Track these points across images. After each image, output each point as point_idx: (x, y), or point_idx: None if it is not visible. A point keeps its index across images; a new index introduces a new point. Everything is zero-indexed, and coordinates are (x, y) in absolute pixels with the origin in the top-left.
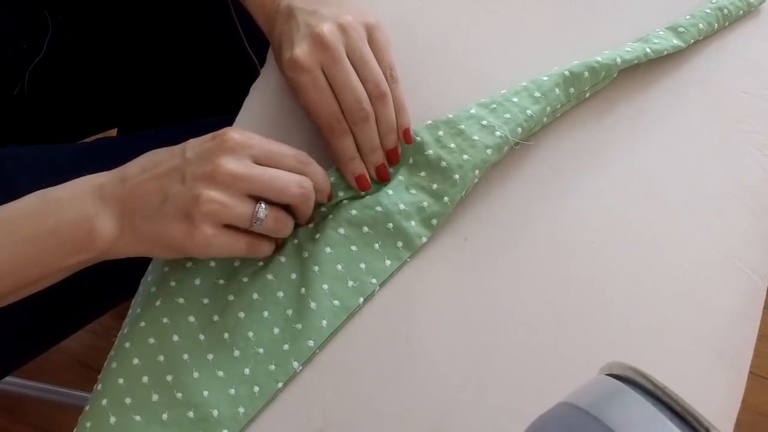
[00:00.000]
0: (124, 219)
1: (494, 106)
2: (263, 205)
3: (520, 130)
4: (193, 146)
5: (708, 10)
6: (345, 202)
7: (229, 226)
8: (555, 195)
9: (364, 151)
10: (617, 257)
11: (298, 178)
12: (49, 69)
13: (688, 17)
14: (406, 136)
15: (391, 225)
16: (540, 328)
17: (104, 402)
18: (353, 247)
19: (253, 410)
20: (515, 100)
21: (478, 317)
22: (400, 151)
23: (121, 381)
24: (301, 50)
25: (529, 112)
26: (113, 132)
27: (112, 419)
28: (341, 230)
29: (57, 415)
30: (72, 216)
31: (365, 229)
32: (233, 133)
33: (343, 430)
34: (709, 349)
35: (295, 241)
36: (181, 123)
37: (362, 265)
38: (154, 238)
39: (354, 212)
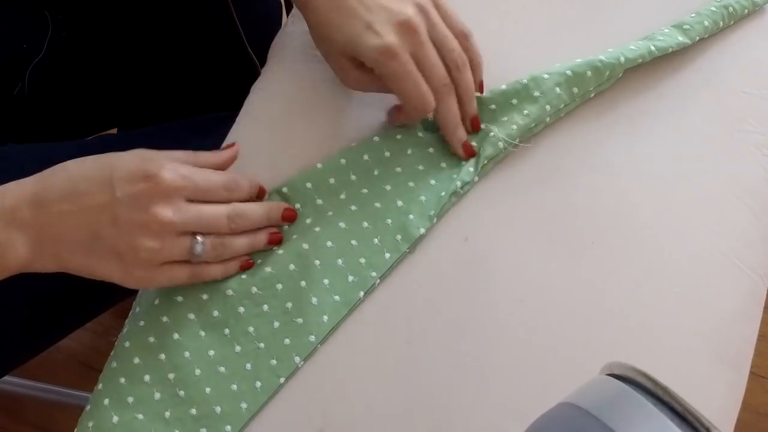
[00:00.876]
0: (42, 247)
1: (493, 106)
2: (199, 239)
3: (515, 127)
4: (123, 185)
5: (713, 8)
6: (343, 196)
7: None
8: (555, 194)
9: (449, 129)
10: (617, 257)
11: (225, 209)
12: (49, 69)
13: (693, 15)
14: (480, 88)
15: (390, 221)
16: (540, 328)
17: (106, 401)
18: (353, 242)
19: (256, 405)
20: (514, 102)
21: (479, 317)
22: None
23: (122, 380)
24: (392, 38)
25: (526, 112)
26: (113, 132)
27: (115, 418)
28: (342, 224)
29: (57, 415)
30: None
31: (365, 224)
32: (165, 175)
33: (343, 430)
34: (709, 349)
35: (294, 236)
36: (179, 119)
37: (362, 260)
38: (84, 270)
39: (354, 207)
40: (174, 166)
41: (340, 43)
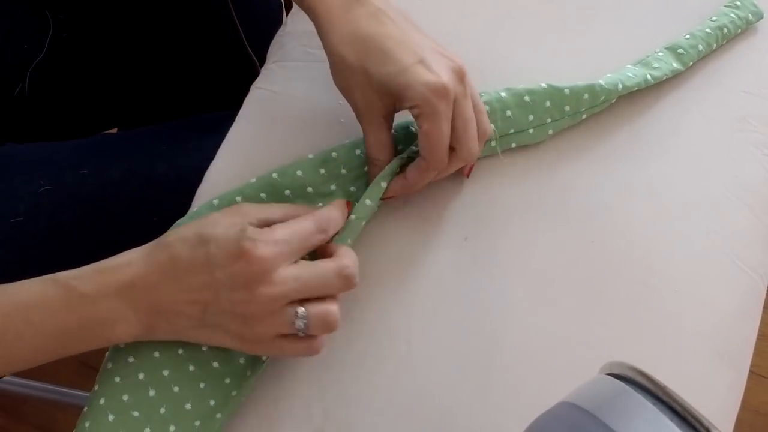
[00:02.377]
0: (157, 323)
1: (480, 95)
2: (300, 313)
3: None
4: (221, 265)
5: (708, 30)
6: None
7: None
8: (555, 194)
9: (439, 173)
10: (617, 257)
11: (334, 267)
12: (50, 69)
13: (687, 37)
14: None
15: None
16: (540, 328)
17: (102, 401)
18: None
19: (245, 393)
20: (503, 94)
21: (478, 317)
22: None
23: (117, 379)
24: (447, 78)
25: (509, 113)
26: (113, 131)
27: (111, 417)
28: None
29: (57, 415)
30: (98, 316)
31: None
32: (262, 252)
33: (343, 430)
34: (709, 348)
35: None
36: (179, 119)
37: None
38: (201, 341)
39: None
40: (268, 236)
41: (380, 73)
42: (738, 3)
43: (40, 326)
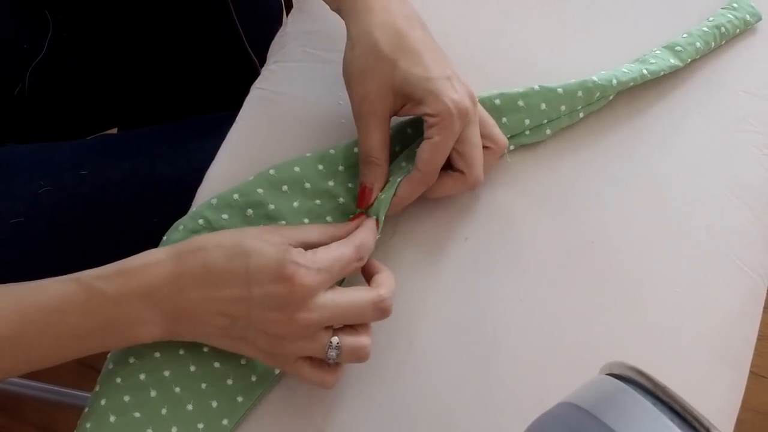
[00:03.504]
0: (179, 325)
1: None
2: (334, 344)
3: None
4: (259, 284)
5: (705, 29)
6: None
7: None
8: (555, 194)
9: (409, 195)
10: (617, 257)
11: (371, 298)
12: (49, 69)
13: (685, 36)
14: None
15: None
16: (540, 328)
17: (103, 402)
18: None
19: (251, 399)
20: (497, 102)
21: (479, 317)
22: None
23: (118, 380)
24: (467, 100)
25: (504, 120)
26: (113, 131)
27: (112, 418)
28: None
29: (57, 415)
30: (121, 317)
31: None
32: (303, 279)
33: (343, 430)
34: (709, 348)
35: None
36: (179, 119)
37: None
38: (222, 348)
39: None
40: (311, 262)
41: (410, 71)
42: (735, 5)
43: (60, 328)
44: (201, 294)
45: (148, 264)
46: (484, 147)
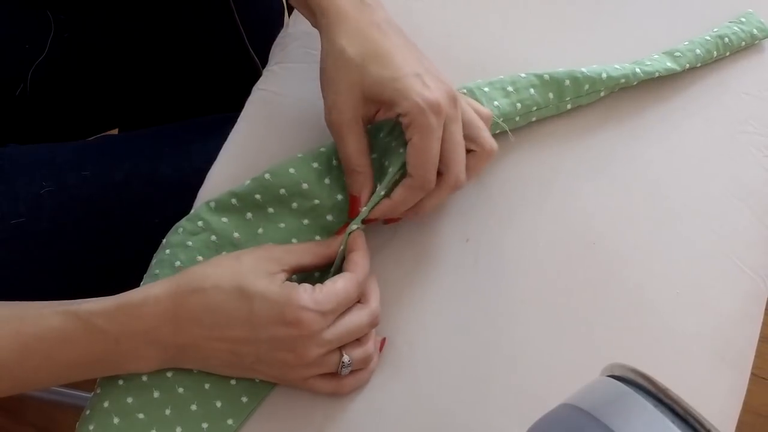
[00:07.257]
0: (184, 361)
1: (464, 91)
2: (346, 360)
3: None
4: (264, 327)
5: (708, 37)
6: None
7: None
8: (556, 195)
9: (425, 198)
10: (618, 258)
11: (367, 314)
12: (51, 69)
13: (686, 43)
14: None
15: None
16: (541, 329)
17: (106, 404)
18: None
19: (256, 399)
20: (486, 89)
21: (479, 318)
22: None
23: (121, 382)
24: (441, 96)
25: (496, 103)
26: (115, 132)
27: (116, 420)
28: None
29: (57, 415)
30: (121, 352)
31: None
32: (306, 320)
33: (343, 430)
34: (710, 350)
35: None
36: (181, 120)
37: None
38: (231, 376)
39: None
40: (315, 304)
41: (379, 75)
42: (743, 19)
43: (59, 359)
44: (205, 333)
45: (148, 302)
46: (469, 150)
